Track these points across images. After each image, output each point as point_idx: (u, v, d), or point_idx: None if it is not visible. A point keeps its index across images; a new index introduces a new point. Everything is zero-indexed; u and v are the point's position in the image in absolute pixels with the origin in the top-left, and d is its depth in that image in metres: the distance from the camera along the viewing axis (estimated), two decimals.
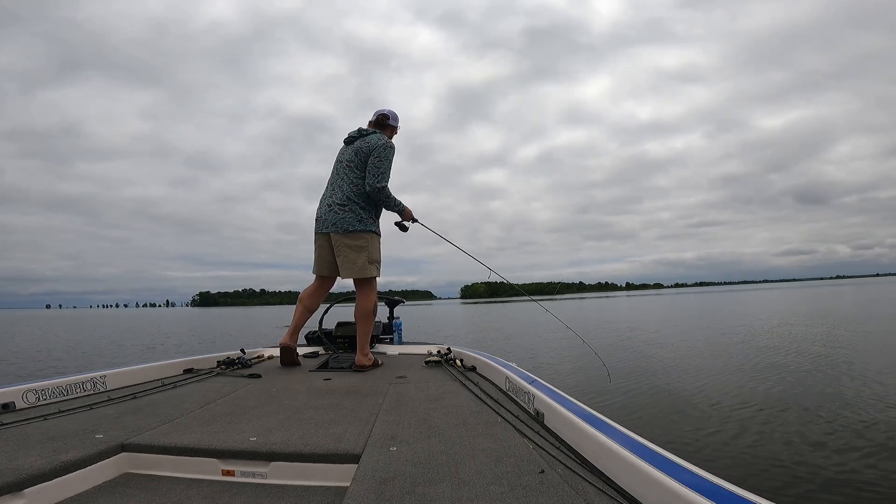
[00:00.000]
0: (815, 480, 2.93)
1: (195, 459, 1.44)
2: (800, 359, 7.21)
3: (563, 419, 1.49)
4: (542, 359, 8.44)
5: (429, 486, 1.13)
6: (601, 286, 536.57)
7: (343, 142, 3.13)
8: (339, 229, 2.91)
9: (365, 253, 2.91)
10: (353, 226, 2.90)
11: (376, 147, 2.90)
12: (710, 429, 4.02)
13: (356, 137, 3.04)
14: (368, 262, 2.92)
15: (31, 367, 9.24)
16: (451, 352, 3.03)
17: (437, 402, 1.98)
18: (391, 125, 3.16)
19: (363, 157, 2.92)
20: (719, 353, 8.41)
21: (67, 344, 15.25)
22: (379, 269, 3.02)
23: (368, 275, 2.93)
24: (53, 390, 2.07)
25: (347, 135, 3.10)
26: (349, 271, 2.92)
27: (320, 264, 3.07)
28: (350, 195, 2.92)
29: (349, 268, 2.92)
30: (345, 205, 2.91)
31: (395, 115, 3.18)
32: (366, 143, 2.94)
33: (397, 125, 3.19)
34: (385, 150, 2.92)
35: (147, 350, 12.89)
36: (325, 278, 3.10)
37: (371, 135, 3.00)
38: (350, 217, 2.90)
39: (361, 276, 2.92)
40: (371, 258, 2.94)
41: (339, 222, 2.91)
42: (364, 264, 2.91)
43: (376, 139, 2.95)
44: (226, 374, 2.74)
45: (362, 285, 2.97)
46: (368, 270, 2.92)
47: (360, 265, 2.90)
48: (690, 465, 1.02)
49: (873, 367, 6.22)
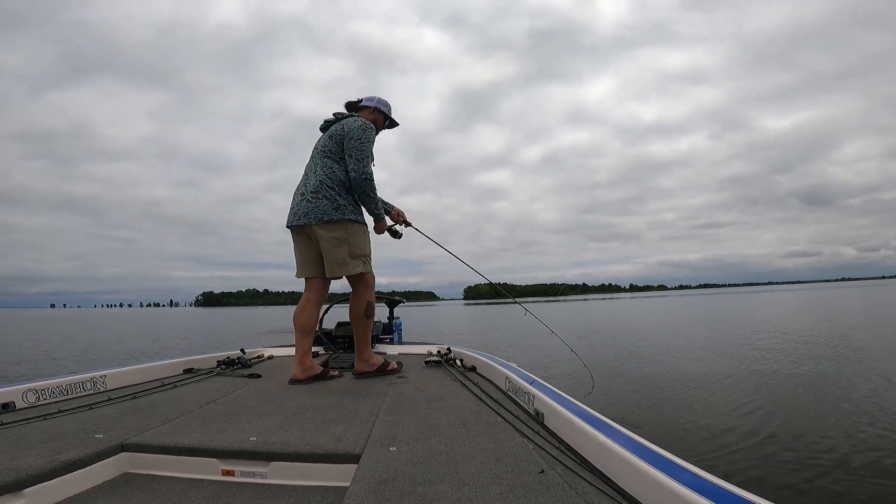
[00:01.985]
0: (815, 480, 2.91)
1: (195, 459, 1.44)
2: (804, 361, 7.16)
3: (563, 419, 1.49)
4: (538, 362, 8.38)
5: (429, 486, 1.13)
6: (605, 287, 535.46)
7: (319, 130, 2.84)
8: (312, 219, 2.52)
9: (346, 246, 2.53)
10: (328, 214, 2.51)
11: (352, 129, 2.59)
12: (711, 428, 4.00)
13: (332, 122, 2.76)
14: (350, 256, 2.54)
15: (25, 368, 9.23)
16: (451, 352, 3.03)
17: (437, 403, 1.97)
18: (366, 106, 2.83)
19: (338, 141, 2.60)
20: (724, 354, 8.37)
21: (64, 343, 15.20)
22: (367, 263, 2.63)
23: (352, 271, 2.55)
24: (53, 390, 2.08)
25: (323, 121, 2.82)
26: (329, 268, 2.56)
27: (301, 265, 2.67)
28: (323, 180, 2.56)
29: (329, 264, 2.55)
30: (318, 191, 2.54)
31: (374, 99, 2.84)
32: (340, 127, 2.64)
33: (381, 108, 2.85)
34: (362, 130, 2.59)
35: (148, 350, 12.90)
36: (313, 281, 2.65)
37: (346, 118, 2.71)
38: (324, 205, 2.52)
39: (344, 274, 2.56)
40: (353, 252, 2.55)
41: (311, 212, 2.52)
42: (345, 259, 2.53)
43: (353, 121, 2.64)
44: (226, 374, 2.75)
45: (354, 283, 2.65)
46: (351, 266, 2.54)
47: (341, 260, 2.53)
48: (690, 466, 1.02)
49: (879, 372, 6.17)
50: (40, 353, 11.63)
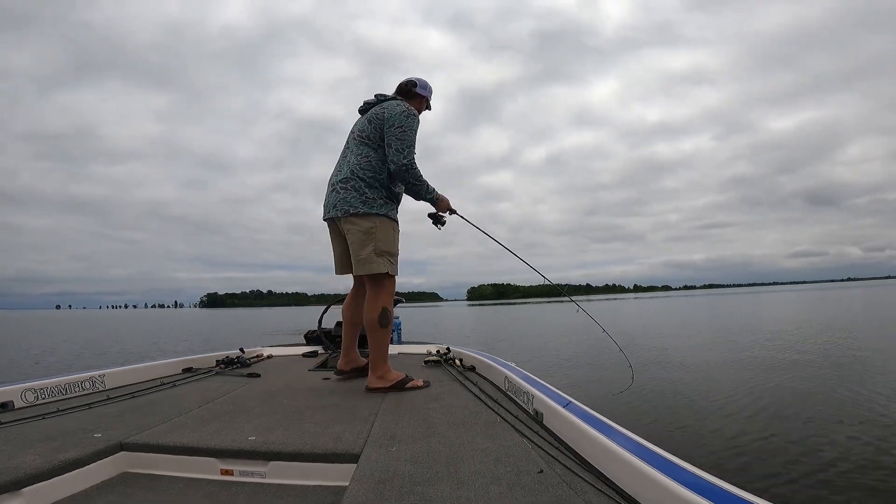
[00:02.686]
0: (815, 481, 2.88)
1: (194, 459, 1.44)
2: (809, 362, 7.12)
3: (562, 419, 1.48)
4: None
5: (428, 486, 1.13)
6: (609, 288, 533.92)
7: (358, 111, 2.57)
8: (339, 212, 2.32)
9: (371, 242, 2.28)
10: (355, 207, 2.29)
11: (395, 115, 2.31)
12: (710, 429, 3.98)
13: (372, 104, 2.47)
14: (375, 253, 2.28)
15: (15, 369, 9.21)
16: (450, 352, 3.02)
17: (436, 402, 1.97)
18: (419, 94, 2.56)
19: (377, 126, 2.33)
20: (730, 355, 8.33)
21: (60, 345, 15.15)
22: (393, 264, 2.36)
23: (377, 270, 2.28)
24: (52, 389, 2.08)
25: (363, 103, 2.54)
26: (355, 265, 2.34)
27: (336, 260, 2.51)
28: (355, 170, 2.33)
29: (354, 261, 2.34)
30: (347, 181, 2.32)
31: (425, 84, 2.58)
32: (381, 111, 2.35)
33: (428, 96, 2.60)
34: (406, 118, 2.31)
35: (149, 350, 12.90)
36: (360, 279, 2.45)
37: (390, 101, 2.43)
38: (352, 196, 2.30)
39: (367, 272, 2.30)
40: (379, 248, 2.29)
41: (339, 203, 2.32)
42: (369, 256, 2.28)
43: (395, 106, 2.36)
44: (225, 374, 2.75)
45: (371, 284, 2.35)
46: (376, 265, 2.28)
47: (365, 257, 2.28)
48: (690, 466, 1.01)
49: (885, 371, 6.12)
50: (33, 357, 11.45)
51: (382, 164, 2.35)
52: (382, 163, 2.35)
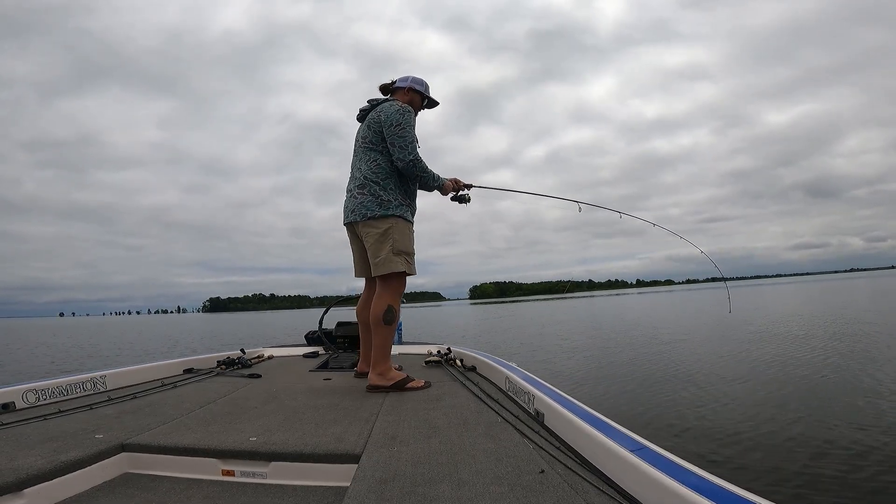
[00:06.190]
0: (816, 481, 2.86)
1: (195, 459, 1.44)
2: (813, 357, 7.07)
3: (564, 419, 1.47)
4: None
5: (429, 486, 1.13)
6: (611, 283, 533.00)
7: (356, 120, 2.70)
8: (357, 216, 2.45)
9: (389, 242, 2.39)
10: (372, 210, 2.41)
11: (390, 115, 2.44)
12: (712, 428, 3.96)
13: (368, 110, 2.61)
14: (393, 252, 2.38)
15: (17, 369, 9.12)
16: (451, 352, 3.01)
17: (437, 403, 1.97)
18: (401, 87, 2.65)
19: (376, 130, 2.47)
20: (741, 351, 8.29)
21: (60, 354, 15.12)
22: (411, 263, 2.46)
23: (395, 269, 2.38)
24: (53, 390, 2.09)
25: (359, 111, 2.67)
26: (373, 266, 2.43)
27: (356, 264, 2.64)
28: (367, 175, 2.45)
29: (373, 262, 2.43)
30: (363, 186, 2.45)
31: (408, 79, 2.67)
32: (377, 114, 2.50)
33: (417, 88, 2.66)
34: (401, 115, 2.43)
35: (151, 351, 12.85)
36: (372, 281, 2.55)
37: (382, 103, 2.55)
38: (369, 201, 2.42)
39: (386, 272, 2.39)
40: (397, 248, 2.39)
41: (357, 208, 2.45)
42: (388, 256, 2.38)
43: (388, 106, 2.49)
44: (226, 374, 2.76)
45: (381, 282, 2.44)
46: (394, 263, 2.38)
47: (384, 257, 2.38)
48: (690, 466, 1.00)
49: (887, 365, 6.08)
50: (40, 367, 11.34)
51: (392, 165, 2.47)
52: (391, 164, 2.47)
